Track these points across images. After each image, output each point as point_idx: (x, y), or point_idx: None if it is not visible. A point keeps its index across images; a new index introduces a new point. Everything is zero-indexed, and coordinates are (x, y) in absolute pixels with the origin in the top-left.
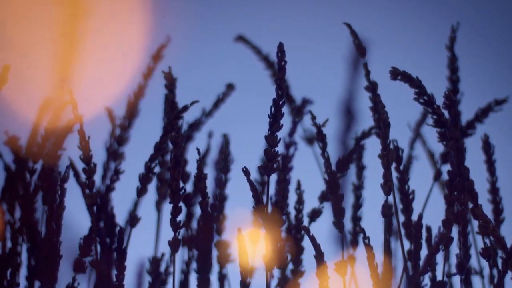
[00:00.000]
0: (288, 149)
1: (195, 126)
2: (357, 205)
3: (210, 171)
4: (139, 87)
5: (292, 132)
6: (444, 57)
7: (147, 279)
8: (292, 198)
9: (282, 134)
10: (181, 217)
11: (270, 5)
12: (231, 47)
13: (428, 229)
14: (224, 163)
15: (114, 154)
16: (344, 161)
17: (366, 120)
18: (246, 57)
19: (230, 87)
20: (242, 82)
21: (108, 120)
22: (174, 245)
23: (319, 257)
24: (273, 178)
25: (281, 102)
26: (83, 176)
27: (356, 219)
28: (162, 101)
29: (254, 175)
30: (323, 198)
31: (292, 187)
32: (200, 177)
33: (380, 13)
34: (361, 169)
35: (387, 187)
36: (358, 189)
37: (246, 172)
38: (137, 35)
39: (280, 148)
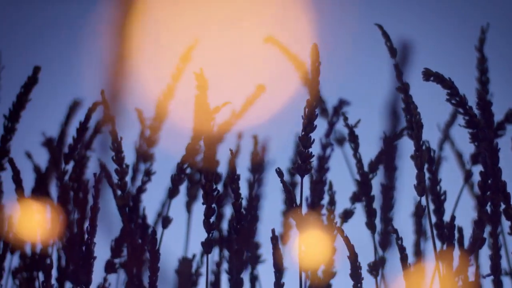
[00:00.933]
0: (325, 150)
1: (225, 127)
2: (388, 206)
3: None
4: (168, 88)
5: (328, 133)
6: (474, 58)
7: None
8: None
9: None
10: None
11: (299, 5)
12: (260, 48)
13: (460, 230)
14: (254, 164)
15: (144, 155)
16: (375, 162)
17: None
18: (276, 58)
19: (260, 88)
20: (270, 83)
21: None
22: (207, 246)
23: (353, 258)
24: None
25: (315, 103)
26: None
27: (387, 220)
28: (189, 102)
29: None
30: (354, 198)
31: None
32: (233, 178)
33: (411, 14)
34: (392, 170)
35: (420, 188)
36: (389, 189)
37: (279, 173)
38: (166, 36)
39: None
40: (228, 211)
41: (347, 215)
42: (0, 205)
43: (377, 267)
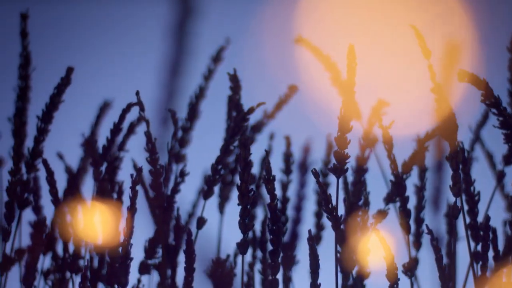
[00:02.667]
0: (364, 151)
1: (257, 128)
2: (420, 207)
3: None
4: (200, 88)
5: (367, 134)
6: (505, 59)
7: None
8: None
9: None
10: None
11: (330, 5)
12: (291, 49)
13: (494, 231)
14: (286, 165)
15: (177, 156)
16: (409, 163)
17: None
18: (306, 58)
19: (292, 89)
20: (300, 83)
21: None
22: (243, 247)
23: (389, 258)
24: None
25: (350, 104)
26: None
27: (419, 221)
28: (217, 103)
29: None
30: (388, 199)
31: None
32: (269, 179)
33: (443, 14)
34: (423, 170)
35: (456, 188)
36: (420, 190)
37: (315, 174)
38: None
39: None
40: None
41: (381, 215)
42: (38, 206)
43: (411, 267)
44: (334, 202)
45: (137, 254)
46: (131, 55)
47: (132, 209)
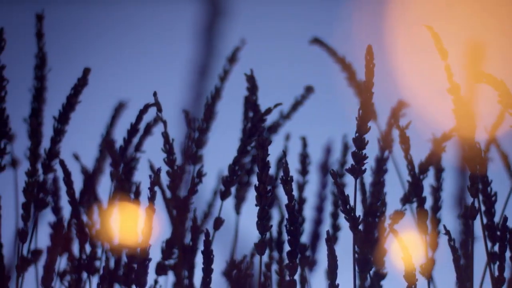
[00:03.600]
0: (383, 152)
1: (273, 128)
2: (436, 208)
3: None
4: (216, 89)
5: (387, 135)
6: None
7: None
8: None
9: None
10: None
11: (346, 6)
12: (306, 49)
13: (511, 231)
14: (302, 165)
15: (193, 157)
16: (426, 164)
17: (444, 122)
18: (320, 59)
19: (309, 90)
20: (315, 84)
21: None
22: (260, 247)
23: (407, 259)
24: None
25: (369, 105)
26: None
27: (435, 221)
28: (232, 103)
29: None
30: (405, 200)
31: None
32: (287, 180)
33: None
34: (439, 171)
35: (474, 189)
36: (436, 191)
37: (333, 174)
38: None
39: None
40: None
41: (398, 216)
42: (58, 207)
43: (429, 268)
44: (351, 203)
45: (154, 254)
46: (155, 56)
47: (150, 210)
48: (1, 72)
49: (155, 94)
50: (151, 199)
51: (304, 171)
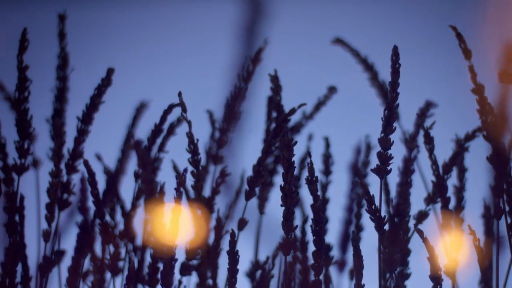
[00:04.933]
0: (411, 152)
1: (296, 129)
2: (459, 208)
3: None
4: (239, 89)
5: (414, 136)
6: None
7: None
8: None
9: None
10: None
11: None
12: (328, 50)
13: None
14: (325, 166)
15: (215, 157)
16: (449, 164)
17: (468, 122)
18: (343, 59)
19: (332, 90)
20: (337, 84)
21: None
22: (286, 248)
23: (433, 259)
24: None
25: (394, 105)
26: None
27: (459, 221)
28: (257, 104)
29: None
30: (429, 200)
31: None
32: (312, 180)
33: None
34: (462, 171)
35: (498, 189)
36: (459, 191)
37: (360, 175)
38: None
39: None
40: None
41: (422, 216)
42: (85, 207)
43: (453, 268)
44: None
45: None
46: (192, 55)
47: (177, 210)
48: (24, 73)
49: (179, 94)
50: (177, 199)
51: (327, 171)
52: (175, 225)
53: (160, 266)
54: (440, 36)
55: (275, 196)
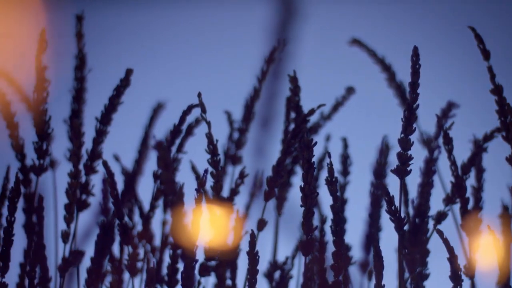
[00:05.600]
0: (432, 153)
1: (314, 129)
2: (478, 208)
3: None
4: (255, 90)
5: (436, 136)
6: None
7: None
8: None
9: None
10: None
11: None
12: (344, 50)
13: None
14: (343, 166)
15: (233, 158)
16: (468, 165)
17: (487, 123)
18: (359, 60)
19: (350, 91)
20: (354, 84)
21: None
22: (306, 248)
23: (453, 260)
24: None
25: (414, 106)
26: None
27: (477, 222)
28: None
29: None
30: (448, 201)
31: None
32: (331, 181)
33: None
34: (480, 171)
35: None
36: (478, 191)
37: (379, 175)
38: (251, 38)
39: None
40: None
41: (441, 217)
42: (107, 208)
43: (472, 268)
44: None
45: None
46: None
47: (197, 211)
48: (43, 73)
49: (199, 95)
50: (198, 200)
51: (345, 172)
52: (195, 225)
53: (180, 267)
54: (458, 37)
55: (292, 196)
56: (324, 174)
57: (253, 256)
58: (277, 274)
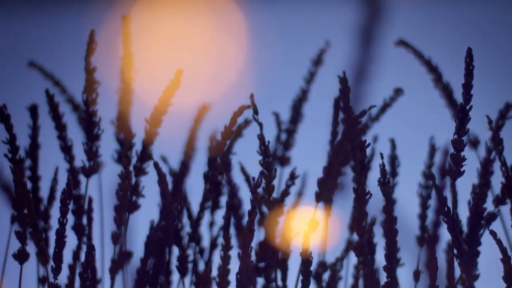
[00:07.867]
0: (489, 154)
1: (363, 130)
2: None
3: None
4: (303, 91)
5: (494, 138)
6: None
7: None
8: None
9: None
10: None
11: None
12: (390, 51)
13: None
14: (391, 167)
15: (281, 159)
16: None
17: None
18: (407, 61)
19: (398, 92)
20: (400, 85)
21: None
22: (360, 249)
23: (506, 260)
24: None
25: (467, 107)
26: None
27: None
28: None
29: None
30: (498, 201)
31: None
32: (384, 182)
33: None
34: None
35: None
36: None
37: (431, 176)
38: (297, 40)
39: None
40: None
41: (491, 217)
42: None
43: None
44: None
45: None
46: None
47: (253, 213)
48: (93, 74)
49: (251, 96)
50: (253, 201)
51: (393, 173)
52: (250, 227)
53: (230, 268)
54: (502, 38)
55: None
56: (370, 175)
57: (307, 258)
58: (326, 275)
